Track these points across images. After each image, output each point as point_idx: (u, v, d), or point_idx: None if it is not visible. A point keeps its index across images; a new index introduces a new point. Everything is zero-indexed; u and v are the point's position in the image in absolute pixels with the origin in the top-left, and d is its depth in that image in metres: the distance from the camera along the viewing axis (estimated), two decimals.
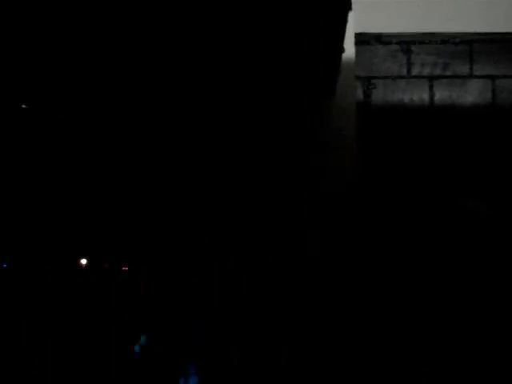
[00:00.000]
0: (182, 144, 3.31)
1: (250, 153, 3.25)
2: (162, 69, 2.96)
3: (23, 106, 3.24)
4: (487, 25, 3.29)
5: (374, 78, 3.31)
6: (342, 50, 2.74)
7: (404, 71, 3.32)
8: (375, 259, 3.12)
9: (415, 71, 3.32)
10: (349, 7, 2.38)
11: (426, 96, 3.30)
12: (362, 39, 3.28)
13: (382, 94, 3.30)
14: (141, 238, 3.47)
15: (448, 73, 3.32)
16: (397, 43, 3.34)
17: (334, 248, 3.04)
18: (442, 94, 3.30)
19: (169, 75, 2.97)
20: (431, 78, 3.31)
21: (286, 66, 2.79)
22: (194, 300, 3.30)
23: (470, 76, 3.31)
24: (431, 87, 3.30)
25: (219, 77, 2.96)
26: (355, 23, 3.17)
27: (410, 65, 3.33)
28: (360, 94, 3.29)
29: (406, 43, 3.34)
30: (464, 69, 3.31)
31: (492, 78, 3.29)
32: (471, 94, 3.29)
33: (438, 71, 3.32)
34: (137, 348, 3.34)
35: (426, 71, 3.32)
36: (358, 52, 3.25)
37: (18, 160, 3.44)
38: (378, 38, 3.33)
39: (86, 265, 3.61)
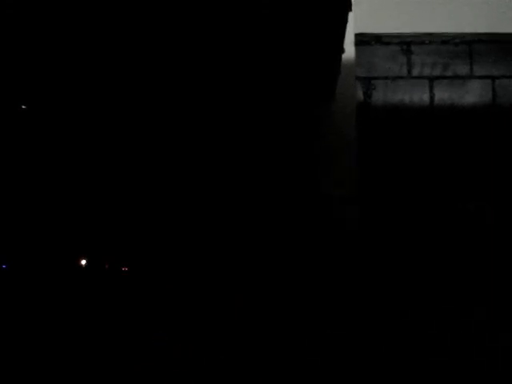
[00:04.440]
0: (183, 148, 3.31)
1: (245, 155, 3.25)
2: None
3: (23, 107, 3.24)
4: (487, 25, 3.29)
5: (374, 78, 3.31)
6: (341, 50, 2.73)
7: (404, 72, 3.32)
8: (378, 261, 3.12)
9: (415, 72, 3.32)
10: (349, 7, 2.38)
11: (426, 96, 3.30)
12: (362, 40, 3.28)
13: (382, 95, 3.30)
14: (143, 238, 3.46)
15: (448, 73, 3.32)
16: (397, 44, 3.33)
17: (334, 249, 3.04)
18: (442, 95, 3.30)
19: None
20: (431, 79, 3.31)
21: (285, 66, 2.79)
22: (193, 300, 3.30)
23: (470, 76, 3.30)
24: (431, 88, 3.30)
25: (224, 84, 2.96)
26: (355, 24, 3.17)
27: (410, 65, 3.32)
28: (360, 94, 3.29)
29: (406, 44, 3.33)
30: (464, 69, 3.31)
31: (492, 78, 3.29)
32: (471, 94, 3.29)
33: (438, 72, 3.32)
34: None
35: (426, 72, 3.32)
36: (358, 52, 3.25)
37: (18, 160, 3.44)
38: (378, 39, 3.33)
39: (86, 265, 3.61)
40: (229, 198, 3.29)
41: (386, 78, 3.31)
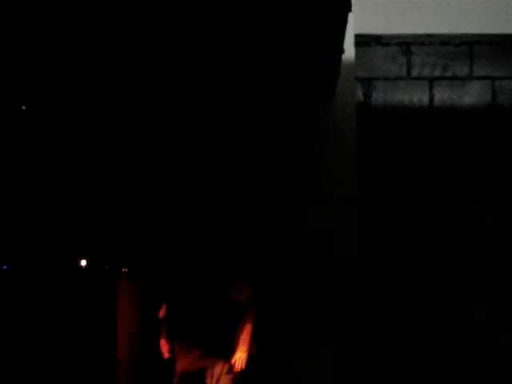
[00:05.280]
0: (185, 150, 3.31)
1: (243, 155, 3.25)
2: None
3: (23, 107, 3.23)
4: (487, 26, 3.29)
5: (374, 78, 3.31)
6: (341, 50, 2.73)
7: (404, 72, 3.32)
8: (378, 260, 3.12)
9: (415, 72, 3.32)
10: (349, 8, 2.38)
11: (425, 97, 3.30)
12: (361, 40, 3.28)
13: (381, 95, 3.30)
14: (146, 239, 3.46)
15: (448, 74, 3.32)
16: (397, 44, 3.34)
17: (334, 248, 3.04)
18: (441, 95, 3.30)
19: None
20: (431, 79, 3.31)
21: (285, 66, 2.79)
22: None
23: (470, 77, 3.30)
24: (431, 88, 3.30)
25: (224, 84, 2.96)
26: (355, 24, 3.16)
27: (409, 66, 3.32)
28: (360, 94, 3.29)
29: (406, 44, 3.33)
30: (464, 70, 3.31)
31: (492, 79, 3.29)
32: (471, 95, 3.29)
33: (437, 72, 3.32)
34: None
35: (426, 72, 3.32)
36: (357, 53, 3.25)
37: (18, 161, 3.44)
38: (378, 40, 3.33)
39: (86, 266, 3.61)
40: (226, 196, 3.29)
41: (386, 78, 3.32)
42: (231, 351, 2.59)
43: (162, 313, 2.75)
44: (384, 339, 3.03)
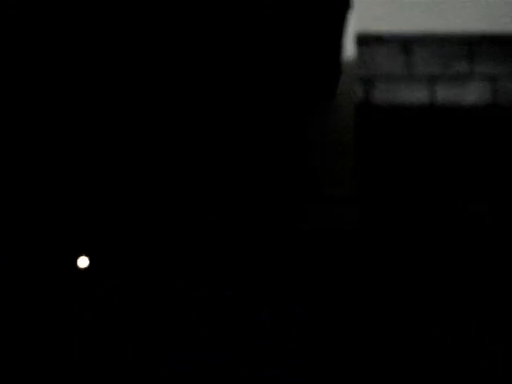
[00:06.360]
0: (184, 151, 3.31)
1: (241, 155, 3.25)
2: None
3: (23, 107, 3.24)
4: (488, 25, 3.29)
5: (375, 77, 3.31)
6: (342, 49, 2.74)
7: (405, 71, 3.32)
8: (378, 261, 3.12)
9: (416, 71, 3.32)
10: (349, 6, 2.38)
11: (426, 96, 3.30)
12: (362, 39, 3.28)
13: (382, 94, 3.30)
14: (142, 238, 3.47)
15: (449, 73, 3.32)
16: (397, 43, 3.33)
17: (334, 249, 3.04)
18: (442, 95, 3.30)
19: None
20: (432, 79, 3.31)
21: (285, 65, 2.79)
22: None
23: (471, 76, 3.30)
24: (432, 87, 3.30)
25: (223, 84, 2.96)
26: (355, 22, 3.17)
27: (410, 65, 3.32)
28: (360, 94, 3.29)
29: (407, 43, 3.33)
30: (465, 69, 3.31)
31: (493, 78, 3.29)
32: (472, 94, 3.29)
33: (438, 71, 3.32)
34: None
35: (427, 71, 3.32)
36: (358, 52, 3.25)
37: (16, 159, 3.44)
38: (379, 38, 3.33)
39: (86, 265, 3.62)
40: (224, 197, 3.29)
41: (387, 77, 3.31)
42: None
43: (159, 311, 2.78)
44: (383, 341, 3.04)
